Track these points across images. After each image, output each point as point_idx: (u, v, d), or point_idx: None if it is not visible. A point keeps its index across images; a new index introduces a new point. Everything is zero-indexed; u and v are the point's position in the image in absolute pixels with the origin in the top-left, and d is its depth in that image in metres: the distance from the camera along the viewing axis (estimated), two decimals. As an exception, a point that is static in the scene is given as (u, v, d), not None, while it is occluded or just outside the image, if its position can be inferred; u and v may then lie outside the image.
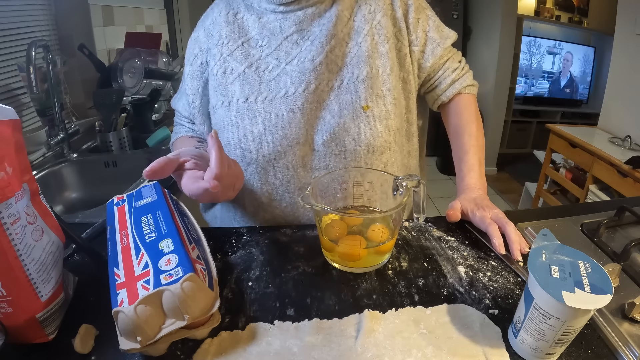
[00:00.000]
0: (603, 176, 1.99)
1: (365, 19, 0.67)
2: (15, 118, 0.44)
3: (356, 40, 0.66)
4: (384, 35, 0.67)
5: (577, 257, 0.42)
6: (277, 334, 0.45)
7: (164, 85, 1.67)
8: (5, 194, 0.39)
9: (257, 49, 0.66)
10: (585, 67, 3.50)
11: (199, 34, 0.71)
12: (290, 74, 0.65)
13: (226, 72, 0.66)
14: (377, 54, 0.67)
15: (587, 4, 3.29)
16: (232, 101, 0.66)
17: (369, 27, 0.66)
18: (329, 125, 0.64)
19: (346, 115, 0.64)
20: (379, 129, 0.66)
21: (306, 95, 0.64)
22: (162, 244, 0.45)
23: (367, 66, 0.65)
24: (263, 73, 0.65)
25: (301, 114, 0.64)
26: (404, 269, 0.57)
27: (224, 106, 0.66)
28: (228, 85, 0.66)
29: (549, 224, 0.68)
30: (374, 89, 0.65)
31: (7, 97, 1.18)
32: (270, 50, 0.66)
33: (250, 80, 0.65)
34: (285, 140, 0.64)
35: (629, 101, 2.17)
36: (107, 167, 1.24)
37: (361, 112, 0.65)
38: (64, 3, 1.40)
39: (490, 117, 3.28)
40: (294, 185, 0.67)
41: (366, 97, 0.65)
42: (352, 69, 0.65)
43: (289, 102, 0.64)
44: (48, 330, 0.43)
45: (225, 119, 0.66)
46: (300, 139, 0.64)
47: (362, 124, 0.65)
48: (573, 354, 0.43)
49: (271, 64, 0.65)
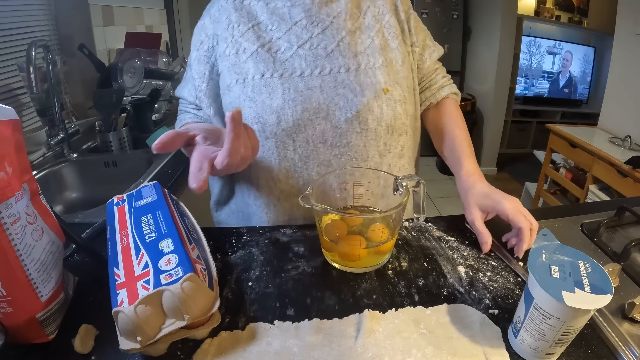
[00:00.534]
0: (603, 176, 1.99)
1: (375, 18, 0.71)
2: (15, 118, 0.44)
3: (368, 34, 0.70)
4: (393, 33, 0.71)
5: (577, 257, 0.42)
6: (277, 334, 0.45)
7: (164, 85, 1.67)
8: (5, 194, 0.39)
9: (268, 32, 0.68)
10: (585, 67, 3.50)
11: (204, 22, 0.73)
12: (304, 57, 0.66)
13: (239, 52, 0.67)
14: (388, 48, 0.70)
15: (587, 4, 3.29)
16: (247, 78, 0.66)
17: (379, 26, 0.71)
18: (352, 103, 0.65)
19: (369, 95, 0.66)
20: (399, 111, 0.68)
21: (322, 77, 0.65)
22: (162, 244, 0.45)
23: (382, 57, 0.69)
24: (276, 54, 0.67)
25: (320, 91, 0.65)
26: (404, 269, 0.57)
27: (239, 83, 0.66)
28: (242, 63, 0.67)
29: (549, 224, 0.68)
30: (391, 76, 0.68)
31: (7, 97, 1.18)
32: (281, 33, 0.67)
33: (264, 59, 0.66)
34: (305, 114, 0.64)
35: (629, 101, 2.17)
36: (107, 167, 1.24)
37: (382, 94, 0.67)
38: (64, 3, 1.40)
39: (490, 117, 3.28)
40: (312, 162, 0.66)
41: (385, 82, 0.67)
42: (367, 57, 0.68)
43: (307, 81, 0.65)
44: (48, 330, 0.43)
45: (242, 96, 0.66)
46: (321, 113, 0.65)
47: (384, 104, 0.67)
48: (573, 354, 0.43)
49: (283, 47, 0.67)
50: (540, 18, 3.31)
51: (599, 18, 3.28)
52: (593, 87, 3.55)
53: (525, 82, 3.54)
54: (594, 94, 3.54)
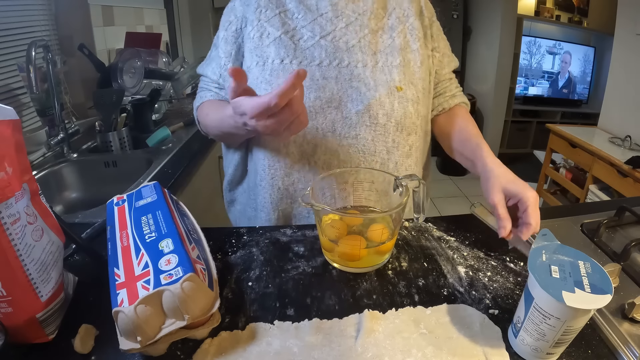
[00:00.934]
0: (603, 176, 1.99)
1: (399, 19, 0.72)
2: (15, 118, 0.44)
3: (390, 34, 0.71)
4: (416, 35, 0.73)
5: (577, 257, 0.42)
6: (277, 334, 0.45)
7: (164, 85, 1.67)
8: (5, 194, 0.39)
9: (293, 20, 0.69)
10: (585, 67, 3.50)
11: (235, 4, 0.74)
12: (325, 47, 0.67)
13: (262, 36, 0.69)
14: (408, 49, 0.71)
15: (587, 4, 3.29)
16: (267, 62, 0.68)
17: (402, 27, 0.72)
18: (364, 97, 0.66)
19: (382, 91, 0.67)
20: (410, 110, 0.69)
21: (340, 69, 0.67)
22: (162, 244, 0.45)
23: (400, 56, 0.70)
24: (298, 42, 0.68)
25: (335, 82, 0.66)
26: (404, 269, 0.57)
27: (259, 66, 0.68)
28: (264, 47, 0.68)
29: (549, 224, 0.67)
30: (407, 76, 0.69)
31: (7, 97, 1.18)
32: (306, 22, 0.69)
33: (285, 45, 0.67)
34: (318, 102, 0.66)
35: (629, 101, 2.17)
36: (107, 167, 1.24)
37: (395, 92, 0.68)
38: (64, 3, 1.40)
39: (490, 117, 3.28)
40: (320, 149, 0.67)
41: (399, 80, 0.68)
42: (385, 56, 0.69)
43: (324, 71, 0.66)
44: (48, 330, 0.43)
45: (259, 78, 0.68)
46: (333, 102, 0.66)
47: (396, 102, 0.68)
48: (573, 354, 0.43)
49: (306, 35, 0.68)
50: (540, 18, 3.31)
51: (599, 18, 3.28)
52: (593, 87, 3.55)
53: (525, 82, 3.54)
54: (594, 94, 3.54)
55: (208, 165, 1.45)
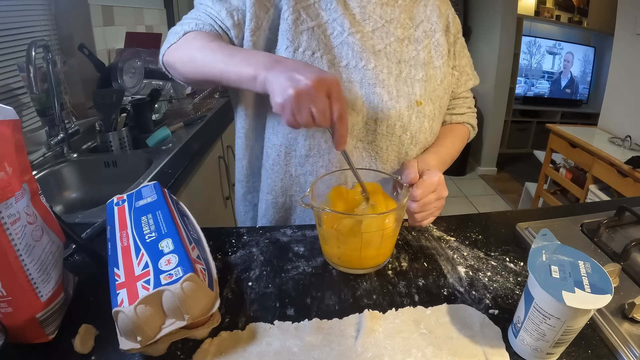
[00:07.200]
0: (603, 176, 1.99)
1: (425, 33, 0.72)
2: (15, 118, 0.44)
3: (415, 47, 0.71)
4: (440, 52, 0.72)
5: (577, 257, 0.42)
6: (277, 334, 0.45)
7: (164, 85, 1.67)
8: (5, 194, 0.39)
9: (326, 12, 0.68)
10: (585, 67, 3.50)
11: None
12: (352, 46, 0.67)
13: (297, 21, 0.67)
14: (432, 64, 0.71)
15: (587, 4, 3.29)
16: (299, 50, 0.66)
17: (428, 42, 0.72)
18: (385, 106, 0.67)
19: (402, 103, 0.67)
20: (425, 126, 0.70)
21: (365, 71, 0.66)
22: (162, 244, 0.45)
23: (423, 71, 0.70)
24: (329, 37, 0.68)
25: (359, 86, 0.66)
26: (404, 269, 0.57)
27: (288, 51, 0.66)
28: (297, 33, 0.67)
29: (549, 224, 0.68)
30: (427, 91, 0.70)
31: (7, 97, 1.18)
32: (337, 15, 0.68)
33: (318, 38, 0.67)
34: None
35: (629, 101, 2.17)
36: (107, 167, 1.24)
37: (415, 106, 0.68)
38: (64, 3, 1.40)
39: (490, 117, 3.28)
40: (334, 150, 0.67)
41: (420, 95, 0.69)
42: (409, 68, 0.69)
43: (349, 73, 0.66)
44: (48, 330, 0.43)
45: None
46: (355, 106, 0.66)
47: (414, 116, 0.68)
48: (573, 354, 0.43)
49: (336, 30, 0.68)
50: (540, 18, 3.31)
51: (599, 18, 3.28)
52: (593, 87, 3.55)
53: (525, 82, 3.54)
54: (594, 94, 3.54)
55: (208, 165, 1.45)
